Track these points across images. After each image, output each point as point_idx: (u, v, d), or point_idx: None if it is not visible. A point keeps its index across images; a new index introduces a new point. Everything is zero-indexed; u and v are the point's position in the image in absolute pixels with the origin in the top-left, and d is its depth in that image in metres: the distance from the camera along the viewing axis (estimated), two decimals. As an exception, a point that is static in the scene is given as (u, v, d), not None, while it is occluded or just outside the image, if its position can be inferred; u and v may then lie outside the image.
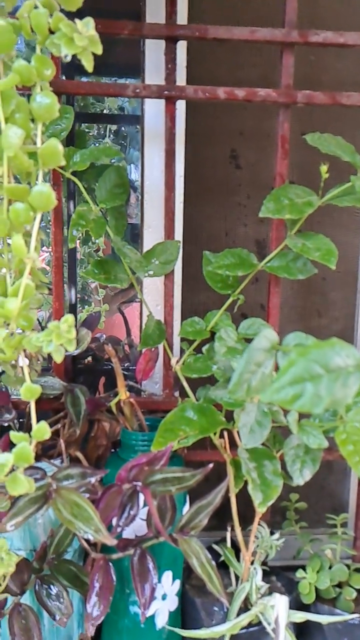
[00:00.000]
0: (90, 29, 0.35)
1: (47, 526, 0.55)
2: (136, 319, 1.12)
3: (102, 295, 1.05)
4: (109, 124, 0.95)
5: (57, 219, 0.63)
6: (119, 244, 0.62)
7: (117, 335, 1.08)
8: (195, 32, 0.61)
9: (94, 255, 1.00)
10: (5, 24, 0.35)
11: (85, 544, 0.54)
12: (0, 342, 0.37)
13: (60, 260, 0.65)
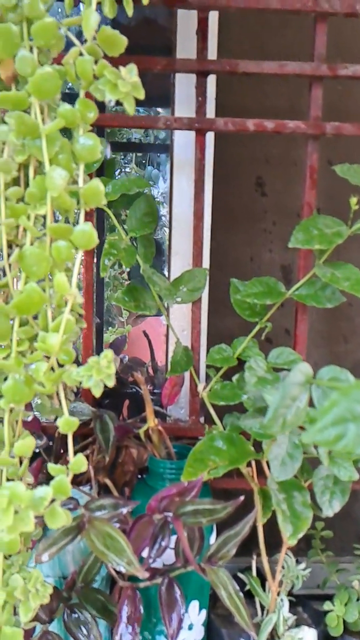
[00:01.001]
0: (133, 76, 0.36)
1: (76, 554, 0.55)
2: (157, 335, 1.14)
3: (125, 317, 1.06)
4: (139, 152, 0.97)
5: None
6: (148, 272, 0.63)
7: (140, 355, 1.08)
8: (226, 67, 0.62)
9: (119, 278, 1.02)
10: (51, 70, 0.36)
11: (113, 572, 0.54)
12: (41, 376, 0.38)
13: (91, 286, 0.66)
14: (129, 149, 0.98)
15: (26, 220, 0.37)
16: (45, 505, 0.35)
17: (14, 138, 0.37)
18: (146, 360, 1.04)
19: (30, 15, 0.37)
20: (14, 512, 0.34)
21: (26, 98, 0.37)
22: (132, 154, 0.99)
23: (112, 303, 1.04)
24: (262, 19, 0.79)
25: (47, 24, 0.36)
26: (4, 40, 0.36)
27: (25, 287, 0.37)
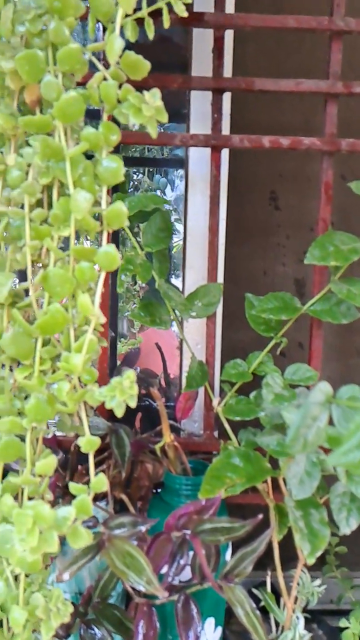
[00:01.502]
0: (157, 100, 0.37)
1: (92, 569, 0.55)
2: (167, 344, 1.14)
3: (137, 328, 1.07)
4: (154, 167, 0.98)
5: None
6: (164, 287, 0.63)
7: (151, 366, 1.09)
8: (242, 84, 0.63)
9: (131, 290, 1.02)
10: (76, 95, 0.37)
11: (129, 588, 0.54)
12: (64, 396, 0.38)
13: (107, 301, 0.67)
14: (143, 164, 0.98)
15: (50, 242, 0.38)
16: (68, 525, 0.36)
17: (39, 161, 0.37)
18: (158, 371, 1.05)
19: (55, 41, 0.37)
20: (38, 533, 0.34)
21: (50, 121, 0.38)
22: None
23: (124, 314, 1.04)
24: (276, 36, 0.79)
25: (73, 50, 0.37)
26: (30, 65, 0.37)
27: (49, 308, 0.38)
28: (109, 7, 0.39)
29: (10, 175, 0.39)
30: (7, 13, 0.37)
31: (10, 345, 0.39)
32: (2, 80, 0.40)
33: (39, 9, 0.37)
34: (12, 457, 0.40)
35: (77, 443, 0.64)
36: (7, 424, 0.38)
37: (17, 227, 0.39)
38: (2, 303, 0.40)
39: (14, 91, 0.39)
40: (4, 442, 0.39)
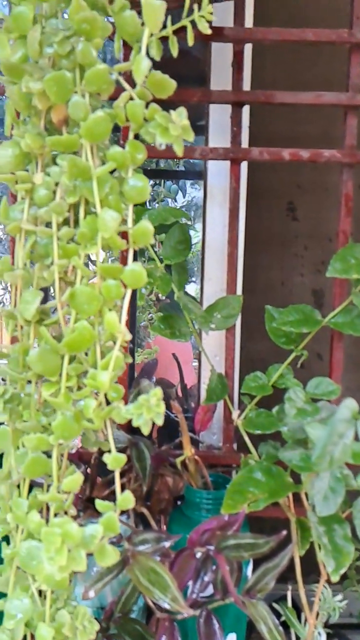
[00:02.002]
0: (183, 119, 0.37)
1: (114, 584, 0.55)
2: (179, 351, 1.14)
3: (153, 337, 1.07)
4: (173, 179, 0.98)
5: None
6: (184, 299, 0.63)
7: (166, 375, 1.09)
8: (262, 98, 0.63)
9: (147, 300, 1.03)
10: (103, 115, 0.37)
11: (151, 603, 0.54)
12: (90, 413, 0.38)
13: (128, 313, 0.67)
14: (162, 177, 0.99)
15: (78, 260, 0.38)
16: (96, 543, 0.36)
17: (67, 180, 0.38)
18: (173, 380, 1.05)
19: (83, 62, 0.38)
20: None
21: (77, 141, 0.38)
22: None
23: (140, 324, 1.04)
24: (293, 48, 0.79)
25: (100, 70, 0.37)
26: (58, 86, 0.37)
27: (76, 326, 0.38)
28: (135, 27, 0.39)
29: (37, 194, 0.39)
30: (35, 34, 0.38)
31: (37, 362, 0.39)
32: (29, 100, 0.40)
33: (67, 31, 0.37)
34: (38, 474, 0.40)
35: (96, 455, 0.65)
36: (34, 440, 0.39)
37: (45, 245, 0.40)
38: (29, 320, 0.40)
39: (41, 111, 0.40)
40: (31, 459, 0.39)
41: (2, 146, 0.40)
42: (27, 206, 0.40)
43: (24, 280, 0.40)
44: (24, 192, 0.40)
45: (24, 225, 0.39)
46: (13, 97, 0.39)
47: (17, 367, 0.41)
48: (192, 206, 3.23)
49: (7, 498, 0.43)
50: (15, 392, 0.40)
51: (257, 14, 0.70)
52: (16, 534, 0.42)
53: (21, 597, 0.41)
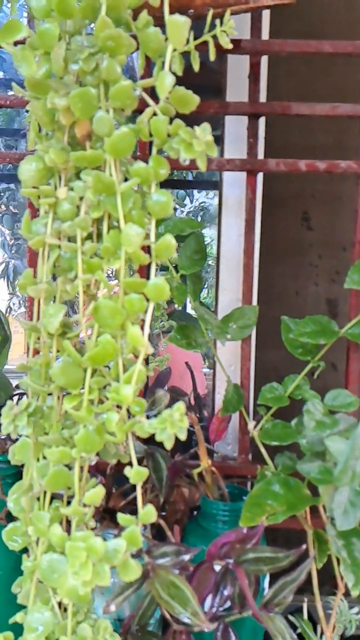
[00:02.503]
0: (207, 134, 0.37)
1: (131, 596, 0.55)
2: (188, 357, 1.13)
3: (165, 345, 1.07)
4: (188, 189, 0.98)
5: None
6: (200, 310, 0.64)
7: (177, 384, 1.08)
8: (278, 109, 0.63)
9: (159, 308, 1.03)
10: (128, 130, 0.38)
11: (168, 615, 0.54)
12: (113, 427, 0.38)
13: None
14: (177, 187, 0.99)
15: (102, 274, 0.38)
16: (119, 558, 0.36)
17: (91, 195, 0.38)
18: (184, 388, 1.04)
19: (107, 78, 0.38)
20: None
21: (102, 156, 0.39)
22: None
23: (152, 332, 1.04)
24: (307, 59, 0.80)
25: (125, 87, 0.37)
26: (83, 102, 0.37)
27: (100, 340, 0.38)
28: (158, 43, 0.39)
29: (61, 208, 0.39)
30: (60, 51, 0.38)
31: (60, 375, 0.39)
32: (53, 115, 0.40)
33: (92, 48, 0.37)
34: (60, 487, 0.40)
35: (112, 466, 0.65)
36: (57, 454, 0.39)
37: (68, 259, 0.40)
38: (52, 334, 0.40)
39: (64, 126, 0.40)
40: (53, 472, 0.39)
41: (26, 160, 0.40)
42: (51, 220, 0.40)
43: (47, 293, 0.40)
44: (47, 206, 0.40)
45: (48, 239, 0.39)
46: (37, 113, 0.40)
47: (40, 379, 0.42)
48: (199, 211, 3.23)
49: (27, 510, 0.43)
50: (38, 405, 0.40)
51: (272, 26, 0.71)
52: (36, 547, 0.42)
53: (42, 610, 0.41)
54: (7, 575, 0.58)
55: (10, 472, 0.59)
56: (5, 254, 4.78)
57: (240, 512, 0.59)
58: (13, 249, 4.85)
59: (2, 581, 0.59)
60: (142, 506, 0.39)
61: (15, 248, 4.84)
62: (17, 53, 0.36)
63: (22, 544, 0.44)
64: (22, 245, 4.80)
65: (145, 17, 0.39)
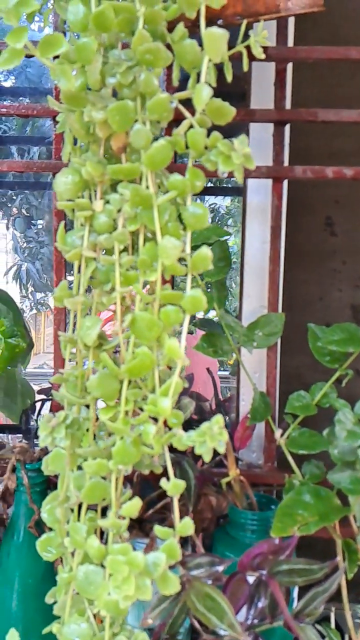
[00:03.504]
0: (245, 147, 0.37)
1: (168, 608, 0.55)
2: (205, 366, 1.13)
3: (184, 350, 1.06)
4: (212, 195, 0.98)
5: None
6: (226, 318, 0.63)
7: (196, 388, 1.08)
8: (304, 116, 0.63)
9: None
10: (165, 143, 0.38)
11: (197, 624, 0.54)
12: (150, 439, 0.38)
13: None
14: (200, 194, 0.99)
15: (139, 287, 0.38)
16: (159, 571, 0.36)
17: (129, 208, 0.38)
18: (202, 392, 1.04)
19: (144, 91, 0.38)
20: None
21: (139, 169, 0.39)
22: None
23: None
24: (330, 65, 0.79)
25: (162, 99, 0.38)
26: (120, 115, 0.38)
27: (137, 352, 0.38)
28: (194, 55, 0.39)
29: (97, 221, 0.40)
30: (97, 64, 0.38)
31: (97, 387, 0.39)
32: (88, 128, 0.41)
33: (130, 62, 0.37)
34: (97, 499, 0.40)
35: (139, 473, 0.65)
36: (95, 466, 0.39)
37: (105, 272, 0.40)
38: (88, 345, 0.40)
39: (100, 138, 0.40)
40: (90, 484, 0.39)
41: (62, 173, 0.40)
42: (87, 233, 0.40)
43: (84, 306, 0.40)
44: (82, 219, 0.40)
45: (86, 252, 0.39)
46: (73, 125, 0.40)
47: (76, 391, 0.42)
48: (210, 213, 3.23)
49: (62, 521, 0.43)
50: (75, 417, 0.40)
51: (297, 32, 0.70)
52: (71, 558, 0.42)
53: (78, 622, 0.41)
54: (36, 584, 0.59)
55: (39, 481, 0.60)
56: (18, 257, 4.81)
57: (269, 521, 0.59)
58: (25, 251, 4.88)
59: (31, 589, 0.59)
60: (179, 519, 0.39)
61: (27, 251, 4.87)
62: (56, 67, 0.36)
63: (56, 554, 0.44)
64: (34, 248, 4.83)
65: (182, 29, 0.39)
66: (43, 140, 1.50)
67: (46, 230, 4.73)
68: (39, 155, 3.12)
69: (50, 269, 5.19)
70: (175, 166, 0.61)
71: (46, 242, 4.79)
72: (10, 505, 0.64)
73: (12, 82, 2.18)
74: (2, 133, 2.69)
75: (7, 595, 0.58)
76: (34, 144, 2.49)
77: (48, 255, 4.78)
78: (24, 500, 0.60)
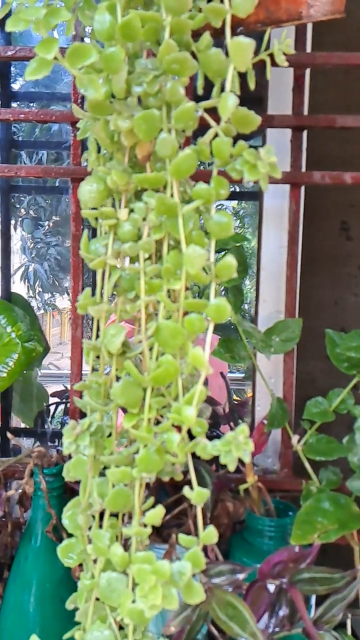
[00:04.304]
0: (271, 156, 0.37)
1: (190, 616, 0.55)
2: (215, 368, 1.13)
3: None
4: (227, 200, 0.98)
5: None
6: (244, 324, 0.63)
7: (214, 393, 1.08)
8: (323, 122, 0.63)
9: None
10: (191, 152, 0.38)
11: (214, 630, 0.54)
12: (174, 447, 0.38)
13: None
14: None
15: (164, 295, 0.38)
16: (185, 580, 0.36)
17: (154, 217, 0.38)
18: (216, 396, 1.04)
19: (170, 100, 0.38)
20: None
21: (164, 178, 0.39)
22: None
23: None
24: (346, 70, 0.79)
25: (188, 108, 0.38)
26: (147, 124, 0.38)
27: (162, 360, 0.38)
28: (219, 64, 0.39)
29: (121, 230, 0.40)
30: (123, 73, 0.38)
31: (120, 395, 0.39)
32: (113, 136, 0.41)
33: (156, 71, 0.38)
34: (121, 506, 0.40)
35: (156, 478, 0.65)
36: (119, 474, 0.39)
37: (129, 280, 0.40)
38: (112, 353, 0.40)
39: (125, 147, 0.40)
40: (114, 492, 0.39)
41: (87, 182, 0.40)
42: (111, 241, 0.40)
43: (108, 313, 0.40)
44: (107, 227, 0.41)
45: (110, 260, 0.39)
46: (98, 134, 0.40)
47: (99, 398, 0.42)
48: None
49: (84, 528, 0.43)
50: (99, 425, 0.40)
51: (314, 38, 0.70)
52: (92, 564, 0.42)
53: (101, 629, 0.41)
54: (54, 588, 0.59)
55: (56, 485, 0.60)
56: (26, 258, 4.83)
57: (286, 528, 0.59)
58: (33, 252, 4.90)
59: (48, 593, 0.59)
60: (203, 527, 0.39)
61: (34, 252, 4.89)
62: (83, 77, 0.36)
63: (77, 560, 0.44)
64: (42, 249, 4.84)
65: (208, 38, 0.39)
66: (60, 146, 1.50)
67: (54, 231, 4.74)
68: (47, 160, 3.14)
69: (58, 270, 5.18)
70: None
71: (54, 242, 4.80)
72: (28, 509, 0.64)
73: (22, 83, 2.18)
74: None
75: (24, 599, 0.59)
76: (50, 148, 2.48)
77: (56, 256, 4.80)
78: (41, 504, 0.60)
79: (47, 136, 2.50)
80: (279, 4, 0.48)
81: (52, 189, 1.20)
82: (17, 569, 0.60)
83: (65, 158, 2.82)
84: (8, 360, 0.64)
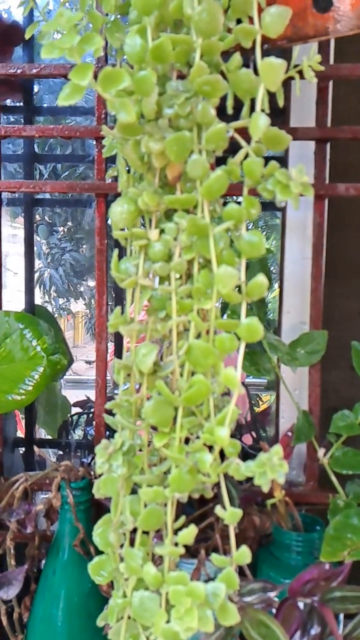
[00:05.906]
0: (303, 176, 0.37)
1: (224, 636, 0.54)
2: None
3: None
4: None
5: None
6: (268, 336, 0.63)
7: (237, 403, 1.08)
8: (348, 134, 0.62)
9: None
10: (222, 173, 0.38)
11: (243, 647, 0.53)
12: (207, 467, 0.38)
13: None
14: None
15: (195, 316, 0.39)
16: (219, 601, 0.35)
17: (185, 238, 0.38)
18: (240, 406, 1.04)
19: (201, 121, 0.38)
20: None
21: (195, 199, 0.39)
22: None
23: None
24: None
25: (219, 129, 0.38)
26: (178, 146, 0.38)
27: (194, 380, 0.38)
28: (249, 84, 0.39)
29: (152, 250, 0.40)
30: (153, 95, 0.39)
31: (152, 414, 0.39)
32: (143, 157, 0.41)
33: (187, 93, 0.38)
34: (154, 526, 0.40)
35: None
36: (151, 493, 0.39)
37: (160, 300, 0.40)
38: (143, 372, 0.40)
39: (156, 168, 0.41)
40: (147, 511, 0.39)
41: (118, 203, 0.41)
42: (142, 261, 0.40)
43: (139, 333, 0.41)
44: (137, 247, 0.41)
45: (142, 281, 0.40)
46: (129, 155, 0.40)
47: (130, 417, 0.42)
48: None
49: (116, 546, 0.43)
50: (132, 444, 0.41)
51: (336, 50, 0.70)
52: (124, 582, 0.42)
53: (134, 648, 0.41)
54: (81, 602, 0.59)
55: (83, 499, 0.60)
56: (41, 263, 4.88)
57: (314, 542, 0.58)
58: (48, 258, 4.94)
59: (76, 607, 0.59)
60: (236, 547, 0.39)
61: (50, 257, 4.93)
62: (116, 101, 0.36)
63: (107, 577, 0.44)
64: (57, 254, 4.88)
65: (238, 59, 0.39)
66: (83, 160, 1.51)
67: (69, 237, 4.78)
68: (61, 168, 3.21)
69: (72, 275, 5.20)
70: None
71: (68, 248, 4.84)
72: (54, 522, 0.64)
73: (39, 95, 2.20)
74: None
75: (53, 613, 0.59)
76: (75, 162, 2.54)
77: (70, 262, 4.83)
78: (68, 518, 0.60)
79: (65, 150, 2.53)
80: (306, 20, 0.48)
81: (76, 202, 1.21)
82: (45, 582, 0.61)
83: (81, 169, 2.86)
84: (34, 374, 0.65)
